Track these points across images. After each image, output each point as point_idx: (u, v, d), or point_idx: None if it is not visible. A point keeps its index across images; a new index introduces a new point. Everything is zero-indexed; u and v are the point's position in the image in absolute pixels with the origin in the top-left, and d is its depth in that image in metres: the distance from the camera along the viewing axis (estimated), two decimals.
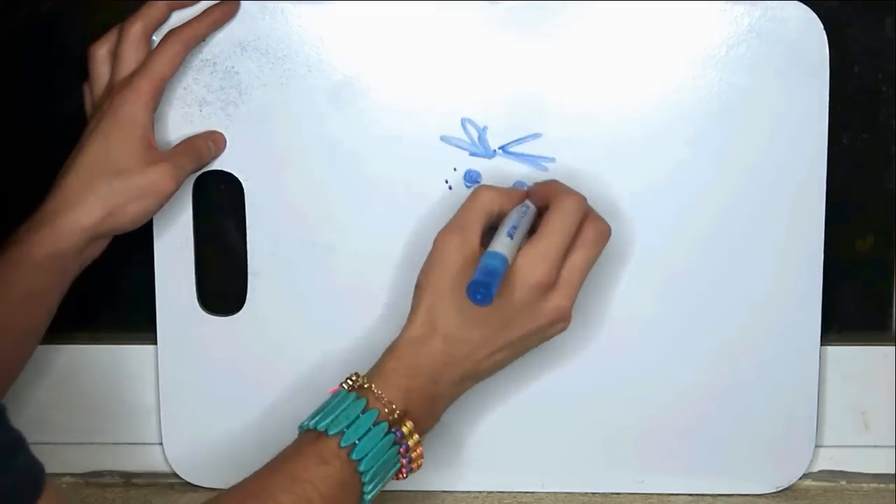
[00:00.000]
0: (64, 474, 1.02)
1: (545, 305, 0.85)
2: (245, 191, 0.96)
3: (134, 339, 1.01)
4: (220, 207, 0.98)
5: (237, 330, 0.97)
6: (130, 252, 0.95)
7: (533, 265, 0.84)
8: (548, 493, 0.99)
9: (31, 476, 0.65)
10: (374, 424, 0.80)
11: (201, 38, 0.93)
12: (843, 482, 1.01)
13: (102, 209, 0.88)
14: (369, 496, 0.80)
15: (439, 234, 0.86)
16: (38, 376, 1.00)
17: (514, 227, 0.85)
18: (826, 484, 1.01)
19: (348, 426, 0.80)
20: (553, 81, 0.94)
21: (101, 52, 0.92)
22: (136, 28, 0.91)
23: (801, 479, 0.99)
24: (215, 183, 0.96)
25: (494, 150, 0.95)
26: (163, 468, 1.01)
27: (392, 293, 0.96)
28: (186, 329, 0.98)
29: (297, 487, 0.77)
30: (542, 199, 0.88)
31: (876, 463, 1.01)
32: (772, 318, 0.96)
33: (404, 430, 0.82)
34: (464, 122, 0.94)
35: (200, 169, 0.94)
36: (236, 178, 0.96)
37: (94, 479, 1.02)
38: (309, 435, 0.81)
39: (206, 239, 0.98)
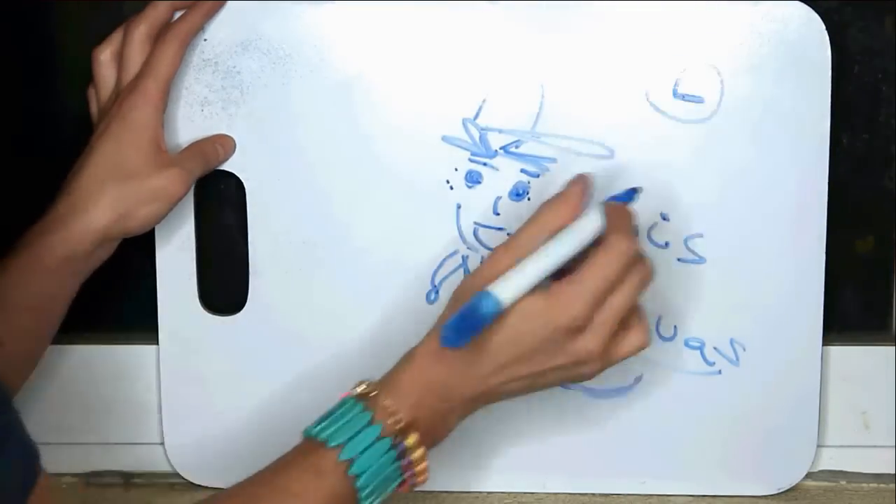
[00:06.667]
0: (64, 474, 1.02)
1: (572, 347, 0.80)
2: (247, 190, 0.96)
3: (135, 338, 1.01)
4: (222, 207, 0.98)
5: (238, 330, 0.97)
6: (132, 252, 0.95)
7: (566, 306, 0.79)
8: (549, 493, 0.99)
9: (26, 462, 0.63)
10: (378, 440, 0.78)
11: (196, 32, 0.92)
12: (844, 482, 1.01)
13: (113, 212, 0.88)
14: None
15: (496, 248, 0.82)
16: (39, 376, 0.99)
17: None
18: (826, 484, 1.01)
19: (349, 439, 0.78)
20: (555, 82, 0.94)
21: (104, 56, 0.92)
22: (140, 29, 0.90)
23: (801, 478, 0.99)
24: (217, 183, 0.97)
25: (496, 151, 0.95)
26: (164, 468, 1.00)
27: (392, 293, 0.96)
28: (188, 329, 0.98)
29: (288, 502, 0.77)
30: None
31: (876, 463, 1.01)
32: (773, 319, 0.96)
33: (408, 442, 0.79)
34: (465, 122, 0.94)
35: (207, 172, 0.94)
36: (238, 178, 0.96)
37: (95, 479, 1.02)
38: (309, 443, 0.79)
39: (207, 238, 0.98)
